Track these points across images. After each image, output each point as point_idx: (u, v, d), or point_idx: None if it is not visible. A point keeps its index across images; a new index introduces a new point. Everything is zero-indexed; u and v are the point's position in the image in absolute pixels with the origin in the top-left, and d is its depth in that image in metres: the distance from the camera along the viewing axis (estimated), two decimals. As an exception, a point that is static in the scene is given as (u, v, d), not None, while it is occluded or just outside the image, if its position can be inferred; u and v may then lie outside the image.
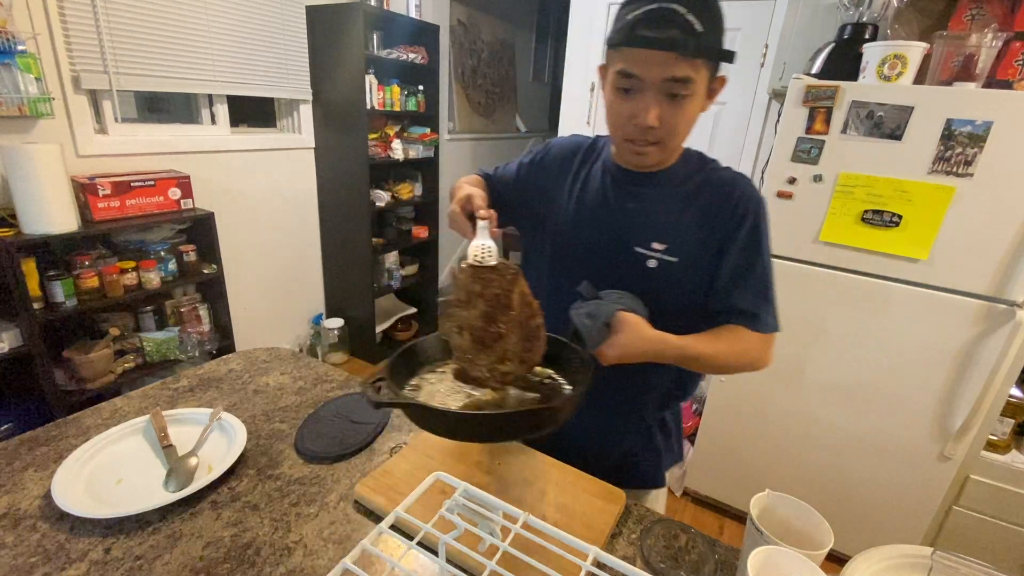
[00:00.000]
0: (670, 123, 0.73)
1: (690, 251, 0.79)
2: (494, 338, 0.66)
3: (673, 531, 0.68)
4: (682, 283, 0.81)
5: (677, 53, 0.66)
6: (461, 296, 0.67)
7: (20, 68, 1.57)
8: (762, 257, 0.79)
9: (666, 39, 0.66)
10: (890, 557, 0.66)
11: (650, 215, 0.82)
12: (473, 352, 0.66)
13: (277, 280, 2.78)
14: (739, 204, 0.79)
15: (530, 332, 0.68)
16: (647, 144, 0.76)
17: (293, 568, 0.66)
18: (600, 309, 0.71)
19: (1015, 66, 1.40)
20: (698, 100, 0.72)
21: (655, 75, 0.69)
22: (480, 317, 0.66)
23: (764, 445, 1.86)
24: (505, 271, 0.68)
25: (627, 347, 0.69)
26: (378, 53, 2.77)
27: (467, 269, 0.67)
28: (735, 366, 0.80)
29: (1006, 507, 1.58)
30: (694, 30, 0.65)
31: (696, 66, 0.68)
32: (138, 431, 0.89)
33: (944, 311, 1.48)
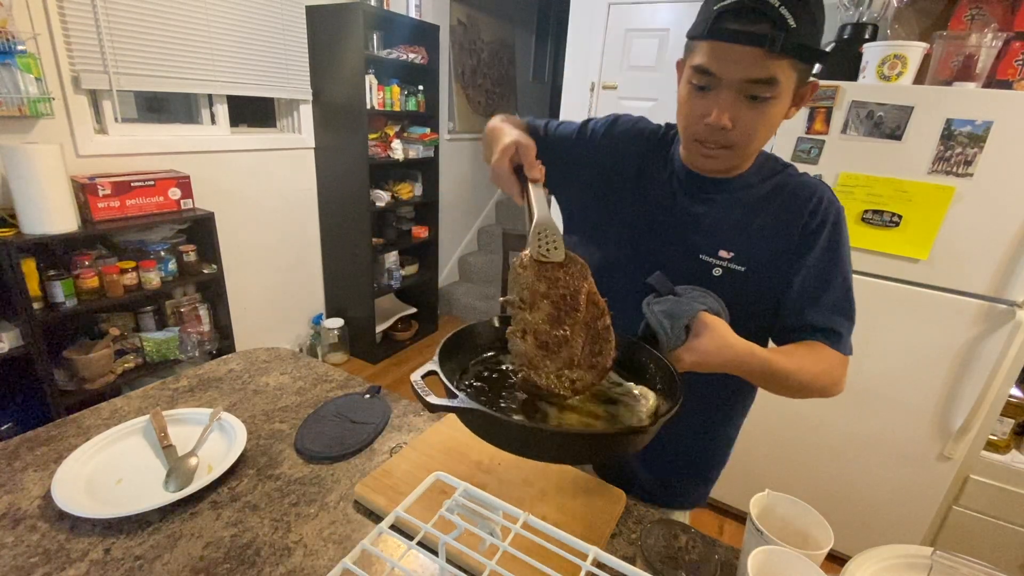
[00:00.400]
0: (747, 127, 0.66)
1: (759, 261, 0.73)
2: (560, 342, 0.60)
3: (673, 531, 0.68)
4: (749, 294, 0.74)
5: (764, 49, 0.59)
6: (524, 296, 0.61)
7: (20, 68, 1.57)
8: (842, 270, 0.73)
9: (753, 33, 0.59)
10: (890, 557, 0.66)
11: (717, 221, 0.75)
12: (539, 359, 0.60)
13: (277, 280, 2.78)
14: (816, 212, 0.72)
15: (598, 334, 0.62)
16: (718, 147, 0.69)
17: (293, 568, 0.66)
18: (680, 308, 0.63)
19: (1015, 66, 1.40)
20: (782, 105, 0.65)
21: (735, 73, 0.62)
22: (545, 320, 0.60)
23: (764, 445, 1.86)
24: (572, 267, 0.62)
25: (709, 354, 0.61)
26: (378, 53, 2.77)
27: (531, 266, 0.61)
28: (813, 388, 0.71)
29: (1006, 507, 1.58)
30: (787, 25, 0.58)
31: (784, 66, 0.61)
32: (138, 431, 0.89)
33: (944, 311, 1.48)
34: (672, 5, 2.42)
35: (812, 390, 0.71)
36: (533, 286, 0.60)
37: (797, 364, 0.68)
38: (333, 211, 2.89)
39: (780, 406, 1.78)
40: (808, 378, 0.69)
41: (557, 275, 0.61)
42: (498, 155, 0.65)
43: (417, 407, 1.04)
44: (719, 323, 0.63)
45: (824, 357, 0.72)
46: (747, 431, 2.01)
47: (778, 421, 1.81)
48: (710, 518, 2.03)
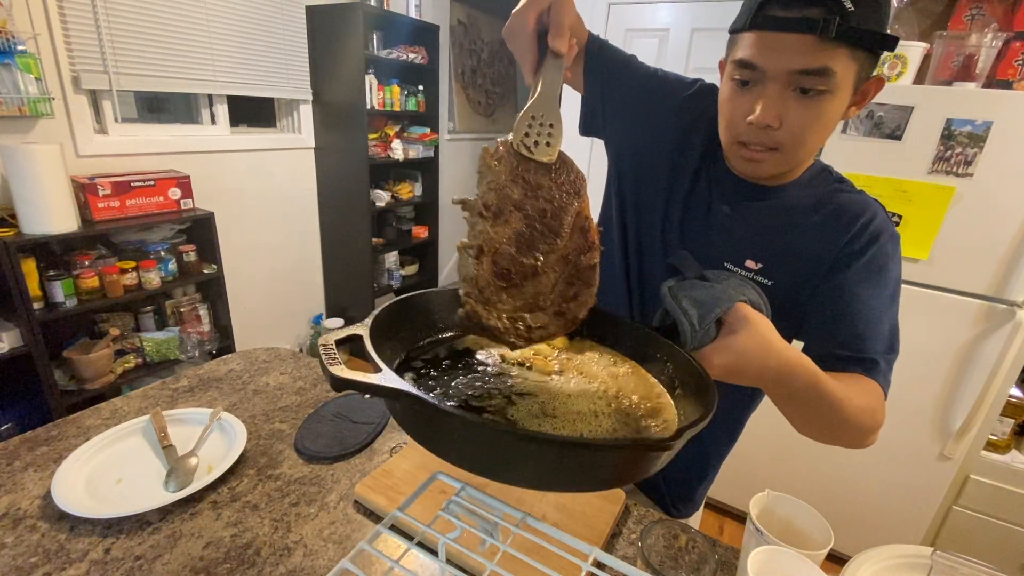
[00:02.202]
0: (796, 126, 0.57)
1: (789, 276, 0.65)
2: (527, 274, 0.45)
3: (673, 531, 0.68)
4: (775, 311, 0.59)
5: (816, 36, 0.51)
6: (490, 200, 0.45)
7: (20, 68, 1.57)
8: (882, 300, 0.63)
9: (803, 19, 0.51)
10: (890, 557, 0.66)
11: (750, 229, 0.67)
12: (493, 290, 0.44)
13: (277, 280, 2.78)
14: (863, 233, 0.63)
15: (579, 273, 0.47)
16: (764, 150, 0.60)
17: (293, 568, 0.66)
18: (713, 296, 0.50)
19: (1015, 66, 1.40)
20: (839, 101, 0.56)
21: (781, 65, 0.54)
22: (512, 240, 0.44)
23: (764, 445, 1.85)
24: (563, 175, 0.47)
25: (748, 357, 0.48)
26: (378, 53, 2.77)
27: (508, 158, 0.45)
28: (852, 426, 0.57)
29: (1006, 507, 1.58)
30: (843, 8, 0.50)
31: (839, 56, 0.52)
32: (138, 431, 0.89)
33: (944, 311, 1.48)
34: (672, 5, 2.42)
35: (852, 430, 0.58)
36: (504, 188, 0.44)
37: (846, 393, 0.55)
38: (333, 211, 2.89)
39: (780, 406, 1.79)
40: (854, 412, 0.56)
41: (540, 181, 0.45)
42: (524, 5, 0.51)
43: (417, 407, 1.04)
44: (761, 320, 0.50)
45: (868, 391, 0.59)
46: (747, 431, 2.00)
47: (778, 421, 1.80)
48: (710, 518, 2.03)
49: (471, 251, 0.44)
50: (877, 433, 0.60)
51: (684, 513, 0.92)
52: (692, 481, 0.90)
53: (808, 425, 0.60)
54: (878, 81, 0.59)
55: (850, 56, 0.53)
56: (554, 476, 0.37)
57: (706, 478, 0.91)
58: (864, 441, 0.60)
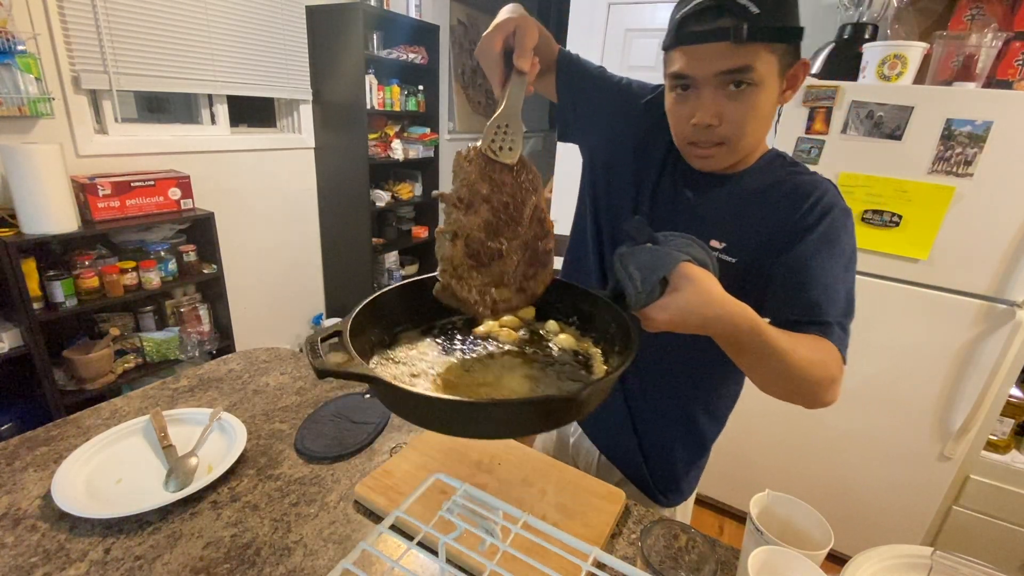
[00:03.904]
0: (734, 119, 0.64)
1: (750, 253, 0.70)
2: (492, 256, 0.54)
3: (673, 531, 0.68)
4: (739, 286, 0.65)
5: (729, 42, 0.59)
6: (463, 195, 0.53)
7: (20, 68, 1.57)
8: (835, 268, 0.67)
9: (716, 29, 0.59)
10: (890, 557, 0.66)
11: (712, 210, 0.73)
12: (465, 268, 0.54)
13: (277, 280, 2.78)
14: (814, 209, 0.68)
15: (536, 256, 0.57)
16: (711, 145, 0.67)
17: (293, 568, 0.66)
18: (657, 258, 0.53)
19: (1015, 66, 1.40)
20: (768, 90, 0.63)
21: (708, 70, 0.61)
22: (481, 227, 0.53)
23: (764, 445, 1.86)
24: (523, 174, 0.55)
25: (689, 311, 0.51)
26: (378, 53, 2.77)
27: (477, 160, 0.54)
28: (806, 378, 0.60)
29: (1006, 507, 1.58)
30: (749, 13, 0.57)
31: (755, 52, 0.59)
32: (138, 431, 0.89)
33: (944, 311, 1.48)
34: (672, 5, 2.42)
35: (804, 381, 0.61)
36: (474, 184, 0.53)
37: (791, 344, 0.59)
38: (333, 211, 2.89)
39: (780, 407, 1.78)
40: (802, 363, 0.59)
41: (504, 179, 0.54)
42: (492, 29, 0.59)
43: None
44: (704, 275, 0.53)
45: (820, 348, 0.62)
46: (747, 431, 2.01)
47: (778, 421, 1.81)
48: (710, 518, 2.03)
49: (447, 235, 0.54)
50: (833, 388, 0.64)
51: (671, 502, 0.92)
52: (676, 468, 0.90)
53: (763, 378, 0.63)
54: (804, 64, 0.65)
55: (767, 50, 0.60)
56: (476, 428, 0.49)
57: (692, 466, 0.92)
58: (820, 395, 0.63)
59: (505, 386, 0.54)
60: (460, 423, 0.48)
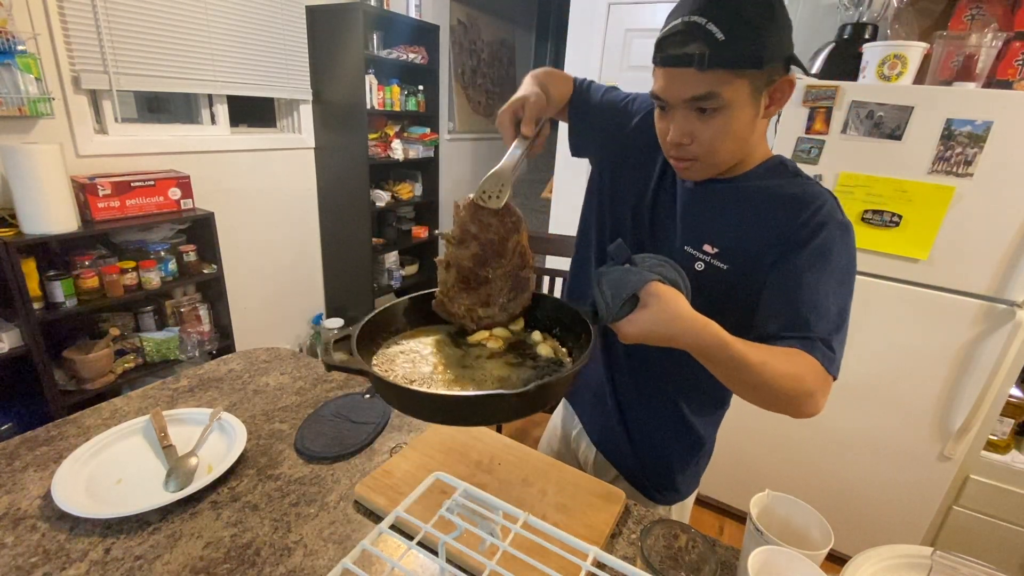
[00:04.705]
0: (704, 139, 0.67)
1: (743, 261, 0.71)
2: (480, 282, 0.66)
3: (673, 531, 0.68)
4: (729, 293, 0.71)
5: (694, 68, 0.61)
6: (456, 233, 0.66)
7: (20, 68, 1.57)
8: (828, 283, 0.66)
9: (681, 55, 0.62)
10: (890, 557, 0.66)
11: (708, 215, 0.74)
12: (456, 290, 0.66)
13: (277, 280, 2.78)
14: (810, 221, 0.67)
15: (518, 283, 0.68)
16: (687, 160, 0.70)
17: (293, 568, 0.66)
18: (628, 278, 0.60)
19: (1015, 66, 1.40)
20: (739, 112, 0.64)
21: (677, 95, 0.65)
22: (470, 258, 0.65)
23: (764, 445, 1.86)
24: (507, 216, 0.65)
25: (653, 325, 0.57)
26: (378, 53, 2.77)
27: (469, 207, 0.65)
28: (783, 391, 0.61)
29: (1006, 507, 1.58)
30: (714, 41, 0.60)
31: (721, 78, 0.61)
32: (138, 431, 0.89)
33: (944, 311, 1.48)
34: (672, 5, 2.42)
35: (777, 394, 0.61)
36: (466, 225, 0.65)
37: (761, 358, 0.60)
38: (333, 211, 2.89)
39: (780, 406, 1.79)
40: (774, 377, 0.60)
41: (491, 221, 0.65)
42: (507, 104, 0.71)
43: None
44: (670, 293, 0.58)
45: (798, 362, 0.62)
46: (747, 431, 2.01)
47: (778, 421, 1.80)
48: (710, 518, 2.03)
49: (443, 264, 0.69)
50: (811, 402, 0.63)
51: (666, 500, 0.93)
52: (671, 467, 0.91)
53: (736, 388, 0.65)
54: (788, 82, 0.67)
55: (734, 75, 0.62)
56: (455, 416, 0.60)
57: (688, 465, 0.92)
58: (799, 408, 0.63)
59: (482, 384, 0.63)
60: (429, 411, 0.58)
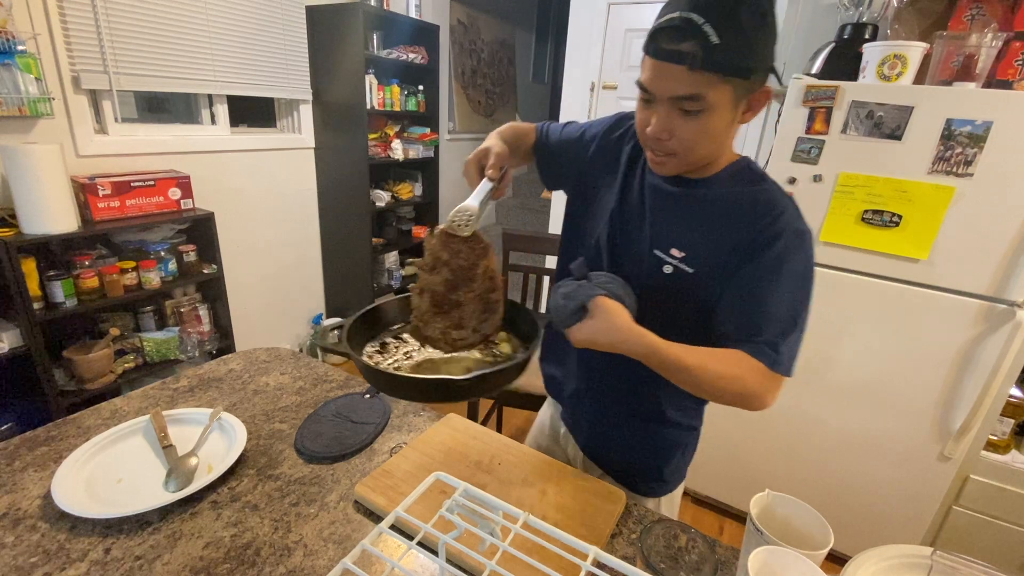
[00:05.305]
0: (684, 137, 0.68)
1: (709, 265, 0.74)
2: (452, 305, 0.69)
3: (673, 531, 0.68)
4: (695, 295, 0.75)
5: (686, 67, 0.62)
6: (428, 261, 0.70)
7: (20, 68, 1.57)
8: (782, 290, 0.70)
9: (676, 52, 0.62)
10: (890, 557, 0.66)
11: (676, 220, 0.77)
12: (429, 315, 0.70)
13: (277, 280, 2.78)
14: (769, 228, 0.70)
15: (488, 305, 0.71)
16: (664, 155, 0.72)
17: (293, 568, 0.66)
18: (579, 291, 0.68)
19: (1015, 66, 1.40)
20: (720, 114, 0.66)
21: (664, 90, 0.66)
22: (442, 284, 0.69)
23: (764, 445, 1.86)
24: (476, 244, 0.69)
25: (595, 334, 0.66)
26: (378, 53, 2.77)
27: (440, 235, 0.69)
28: (724, 391, 0.68)
29: (1006, 507, 1.58)
30: (708, 42, 0.60)
31: (709, 81, 0.63)
32: (138, 431, 0.89)
33: (944, 311, 1.48)
34: (672, 5, 2.42)
35: (723, 392, 0.68)
36: (437, 252, 0.69)
37: (698, 361, 0.66)
38: (333, 211, 2.89)
39: (780, 407, 1.78)
40: (712, 379, 0.67)
41: (460, 248, 0.69)
42: (472, 155, 0.78)
43: (417, 407, 1.04)
44: (613, 307, 0.67)
45: (738, 363, 0.68)
46: (747, 431, 2.01)
47: (778, 421, 1.81)
48: (710, 518, 2.03)
49: (416, 291, 0.72)
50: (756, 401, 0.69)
51: (652, 491, 0.93)
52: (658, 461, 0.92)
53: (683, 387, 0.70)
54: (766, 92, 0.68)
55: (721, 80, 0.63)
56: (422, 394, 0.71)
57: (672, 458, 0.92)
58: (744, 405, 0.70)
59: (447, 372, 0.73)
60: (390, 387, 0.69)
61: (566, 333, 0.69)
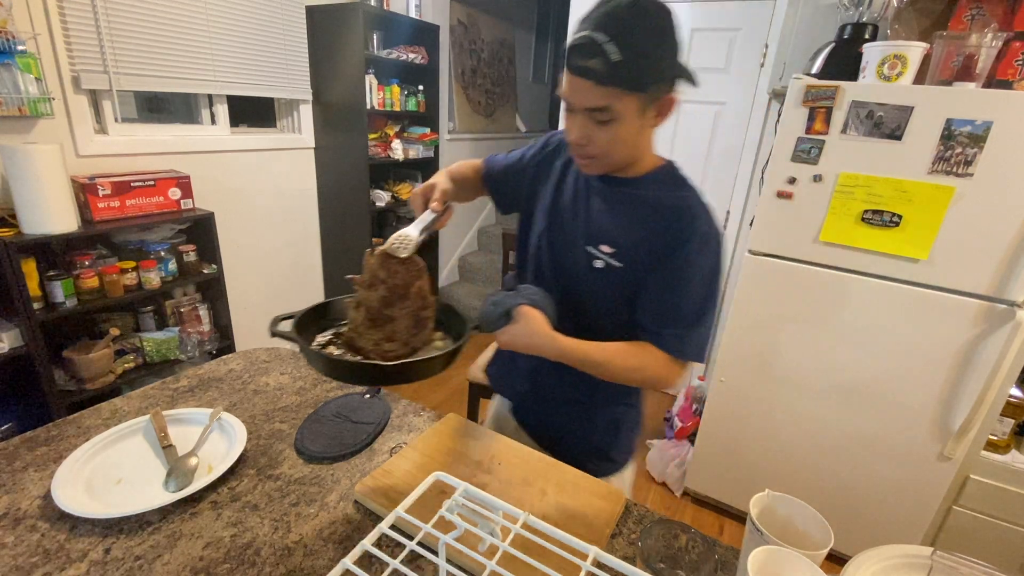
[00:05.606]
0: (599, 143, 0.76)
1: (634, 261, 0.82)
2: (386, 320, 0.74)
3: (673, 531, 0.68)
4: (623, 289, 0.84)
5: (592, 82, 0.70)
6: (366, 277, 0.75)
7: (20, 68, 1.57)
8: (689, 288, 0.80)
9: (585, 68, 0.69)
10: (890, 557, 0.66)
11: (606, 218, 0.85)
12: (364, 327, 0.74)
13: (277, 280, 2.78)
14: (682, 231, 0.79)
15: (419, 321, 0.77)
16: (585, 158, 0.80)
17: (293, 568, 0.66)
18: (505, 300, 0.77)
19: (1015, 66, 1.40)
20: (628, 123, 0.74)
21: (579, 102, 0.74)
22: (378, 300, 0.74)
23: (764, 445, 1.86)
24: (411, 265, 0.76)
25: (516, 337, 0.76)
26: (378, 53, 2.77)
27: (379, 255, 0.75)
28: (632, 380, 0.83)
29: (1006, 507, 1.58)
30: (611, 60, 0.67)
31: (615, 94, 0.70)
32: (138, 431, 0.89)
33: (944, 311, 1.48)
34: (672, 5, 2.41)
35: (630, 380, 0.84)
36: (375, 271, 0.74)
37: (606, 357, 0.79)
38: (333, 211, 2.89)
39: (780, 406, 1.79)
40: (618, 370, 0.80)
41: (397, 268, 0.74)
42: (419, 188, 0.86)
43: (416, 407, 1.04)
44: (533, 315, 0.76)
45: (643, 355, 0.80)
46: (747, 431, 2.00)
47: (778, 421, 1.81)
48: (710, 518, 2.03)
49: (353, 305, 0.76)
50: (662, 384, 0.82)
51: (601, 470, 0.97)
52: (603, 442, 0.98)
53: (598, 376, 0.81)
54: (671, 100, 0.75)
55: (626, 93, 0.70)
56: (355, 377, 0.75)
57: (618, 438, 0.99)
58: (656, 386, 0.83)
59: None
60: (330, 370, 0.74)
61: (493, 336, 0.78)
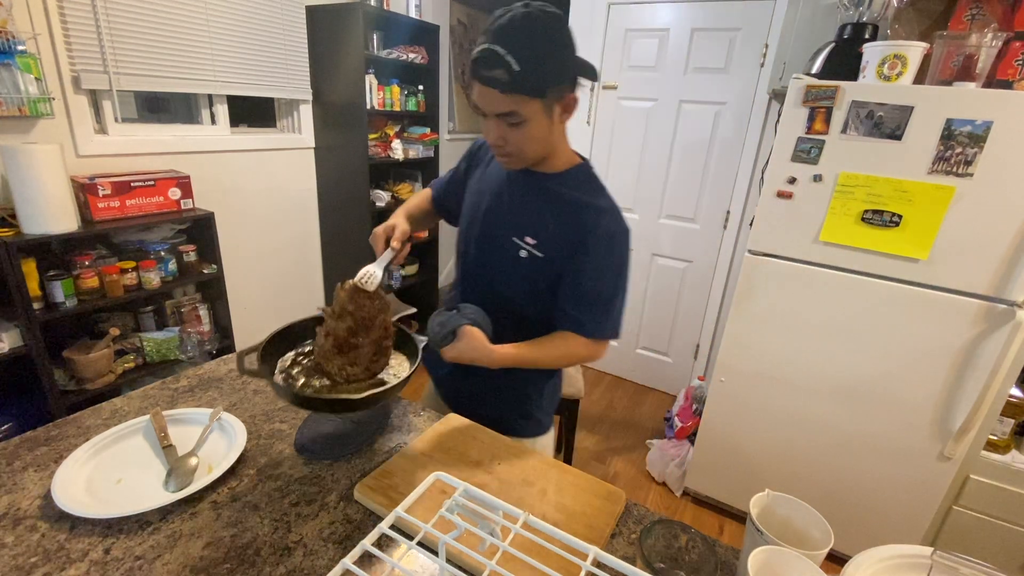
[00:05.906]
0: (512, 143, 0.85)
1: (556, 253, 0.91)
2: (351, 347, 0.81)
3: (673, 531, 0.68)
4: (546, 276, 0.93)
5: (497, 90, 0.77)
6: (336, 308, 0.82)
7: (20, 68, 1.57)
8: (602, 281, 0.90)
9: (488, 77, 0.77)
10: (890, 557, 0.66)
11: (529, 212, 0.93)
12: (331, 354, 0.81)
13: (277, 280, 2.78)
14: (593, 230, 0.89)
15: (380, 350, 0.85)
16: (503, 156, 0.89)
17: (293, 568, 0.66)
18: (450, 320, 0.85)
19: (1015, 66, 1.40)
20: (537, 123, 0.82)
21: (489, 108, 0.81)
22: (345, 330, 0.81)
23: (764, 445, 1.86)
24: (377, 299, 0.83)
25: (461, 352, 0.85)
26: (378, 53, 2.77)
27: (348, 288, 0.82)
28: (564, 364, 0.99)
29: (1006, 507, 1.58)
30: (512, 70, 0.74)
31: (519, 100, 0.78)
32: (138, 431, 0.89)
33: (944, 311, 1.48)
34: (672, 5, 2.42)
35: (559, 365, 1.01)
36: (344, 303, 0.82)
37: (537, 355, 0.91)
38: (333, 211, 2.89)
39: (780, 407, 1.79)
40: (551, 360, 0.94)
41: (364, 302, 0.82)
42: (380, 228, 0.94)
43: (416, 407, 1.04)
44: (475, 333, 0.85)
45: (568, 343, 0.92)
46: (747, 431, 2.00)
47: (778, 421, 1.81)
48: (710, 518, 2.03)
49: (322, 332, 0.84)
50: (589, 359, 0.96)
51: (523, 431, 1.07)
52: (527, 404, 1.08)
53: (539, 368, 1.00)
54: (573, 98, 0.85)
55: (528, 98, 0.79)
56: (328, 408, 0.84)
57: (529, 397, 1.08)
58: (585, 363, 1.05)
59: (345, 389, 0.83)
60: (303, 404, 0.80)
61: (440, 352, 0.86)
